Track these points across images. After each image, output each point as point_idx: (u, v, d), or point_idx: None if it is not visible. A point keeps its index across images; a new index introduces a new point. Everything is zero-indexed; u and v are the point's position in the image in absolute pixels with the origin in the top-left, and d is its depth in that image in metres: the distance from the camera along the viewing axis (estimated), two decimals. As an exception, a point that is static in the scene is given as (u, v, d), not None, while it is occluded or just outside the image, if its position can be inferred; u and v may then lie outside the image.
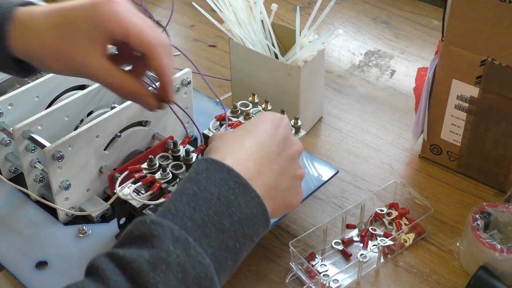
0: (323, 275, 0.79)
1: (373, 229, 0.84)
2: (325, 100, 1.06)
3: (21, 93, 0.84)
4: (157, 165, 0.76)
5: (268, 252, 0.82)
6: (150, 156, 0.76)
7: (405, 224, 0.85)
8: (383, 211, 0.86)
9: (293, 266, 0.79)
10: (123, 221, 0.78)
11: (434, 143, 0.93)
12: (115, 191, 0.74)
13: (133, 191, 0.73)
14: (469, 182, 0.92)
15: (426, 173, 0.94)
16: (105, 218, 0.82)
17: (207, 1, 0.96)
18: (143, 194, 0.73)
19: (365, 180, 0.93)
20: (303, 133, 0.82)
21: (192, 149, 0.77)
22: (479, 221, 0.77)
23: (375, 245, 0.82)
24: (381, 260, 0.81)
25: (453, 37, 0.82)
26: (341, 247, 0.82)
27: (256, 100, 0.84)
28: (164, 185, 0.74)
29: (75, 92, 0.88)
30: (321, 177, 0.86)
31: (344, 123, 1.03)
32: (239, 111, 0.83)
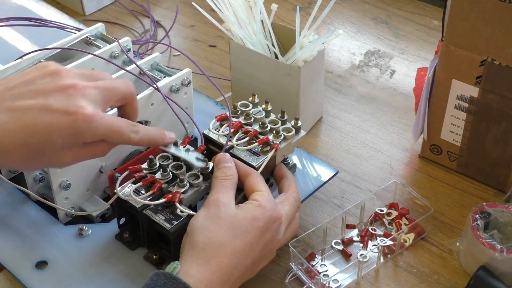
0: (323, 275, 0.79)
1: (373, 229, 0.84)
2: (325, 100, 1.06)
3: (21, 93, 0.84)
4: (157, 165, 0.76)
5: (268, 252, 0.82)
6: (150, 156, 0.76)
7: (405, 224, 0.85)
8: (383, 211, 0.86)
9: (293, 266, 0.79)
10: (123, 221, 0.78)
11: (434, 143, 0.93)
12: (115, 191, 0.74)
13: (133, 191, 0.73)
14: (469, 182, 0.92)
15: (426, 173, 0.94)
16: (105, 218, 0.82)
17: (207, 1, 0.96)
18: (143, 194, 0.73)
19: (365, 180, 0.93)
20: (303, 133, 0.82)
21: (192, 149, 0.77)
22: (479, 221, 0.77)
23: (375, 245, 0.82)
24: (381, 260, 0.81)
25: (453, 37, 0.82)
26: (341, 247, 0.82)
27: (256, 100, 0.84)
28: (164, 185, 0.74)
29: (75, 92, 0.88)
30: (321, 178, 0.86)
31: (344, 123, 1.03)
32: (239, 111, 0.83)
